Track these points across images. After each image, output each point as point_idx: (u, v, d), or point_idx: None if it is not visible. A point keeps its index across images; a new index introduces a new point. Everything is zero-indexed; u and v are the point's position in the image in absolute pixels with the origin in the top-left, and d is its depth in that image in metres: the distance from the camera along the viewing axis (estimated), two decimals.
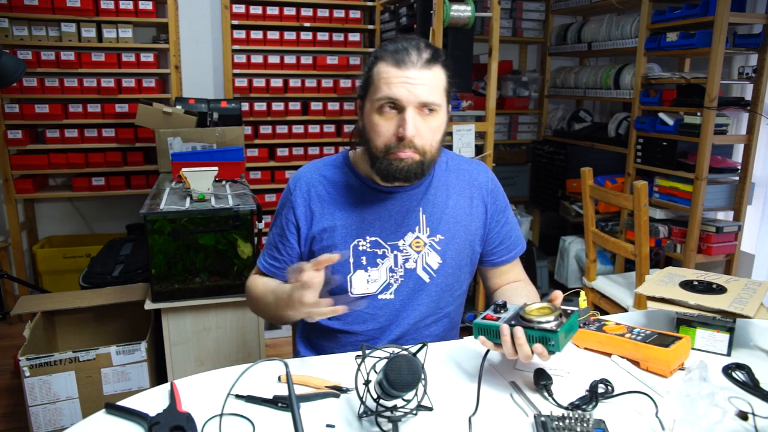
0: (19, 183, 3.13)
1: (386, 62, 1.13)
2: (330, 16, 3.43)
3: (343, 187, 1.27)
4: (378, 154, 1.16)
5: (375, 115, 1.15)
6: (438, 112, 1.15)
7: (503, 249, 1.34)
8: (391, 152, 1.14)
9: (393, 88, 1.11)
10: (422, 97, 1.11)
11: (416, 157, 1.14)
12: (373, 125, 1.15)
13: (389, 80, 1.11)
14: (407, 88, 1.10)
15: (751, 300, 1.16)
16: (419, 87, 1.11)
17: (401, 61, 1.11)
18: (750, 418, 0.91)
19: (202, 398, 0.98)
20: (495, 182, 1.35)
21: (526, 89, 3.77)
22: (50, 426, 1.97)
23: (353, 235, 1.25)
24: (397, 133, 1.13)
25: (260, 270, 1.34)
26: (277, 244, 1.31)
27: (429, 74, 1.12)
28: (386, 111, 1.13)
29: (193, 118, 2.75)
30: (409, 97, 1.11)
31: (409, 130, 1.11)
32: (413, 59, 1.11)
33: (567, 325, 0.97)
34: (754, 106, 2.55)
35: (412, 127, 1.11)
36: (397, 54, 1.12)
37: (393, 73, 1.11)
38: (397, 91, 1.11)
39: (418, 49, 1.12)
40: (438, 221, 1.27)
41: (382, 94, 1.12)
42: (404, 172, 1.15)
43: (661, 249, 2.77)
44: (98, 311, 2.27)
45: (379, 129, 1.14)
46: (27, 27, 3.00)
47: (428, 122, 1.14)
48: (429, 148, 1.16)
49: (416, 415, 0.93)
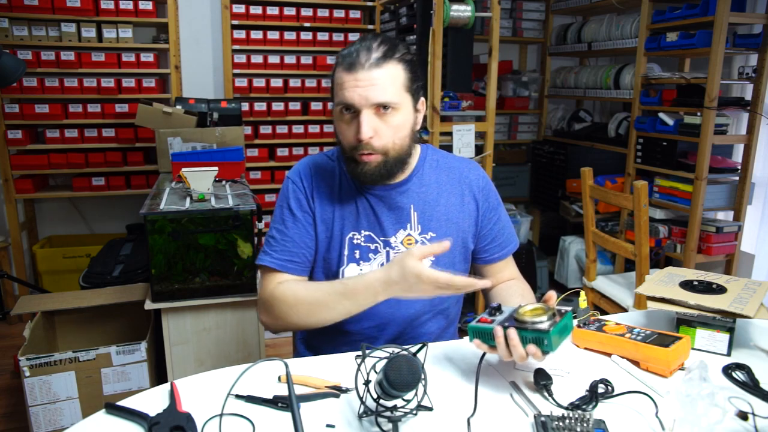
0: (19, 183, 3.13)
1: (340, 67, 1.14)
2: (330, 16, 3.43)
3: (339, 181, 1.28)
4: (346, 155, 1.19)
5: (337, 119, 1.18)
6: (397, 109, 1.14)
7: (495, 246, 1.34)
8: (355, 154, 1.16)
9: (345, 92, 1.12)
10: (374, 98, 1.11)
11: (378, 158, 1.16)
12: (338, 129, 1.19)
13: (342, 85, 1.13)
14: (358, 92, 1.11)
15: (751, 300, 1.16)
16: (370, 88, 1.11)
17: (351, 64, 1.12)
18: (750, 418, 0.91)
19: (202, 398, 0.98)
20: (486, 180, 1.36)
21: (526, 89, 3.77)
22: (50, 426, 1.97)
23: (349, 227, 1.26)
24: (356, 136, 1.14)
25: (273, 270, 1.24)
26: (292, 236, 1.24)
27: (380, 72, 1.12)
28: (345, 115, 1.15)
29: (193, 118, 2.75)
30: (360, 100, 1.11)
31: (364, 133, 1.12)
32: (362, 61, 1.11)
33: (560, 325, 0.97)
34: (754, 106, 2.55)
35: (368, 129, 1.12)
36: (348, 57, 1.13)
37: (345, 78, 1.13)
38: (349, 95, 1.12)
39: (369, 49, 1.12)
40: (429, 219, 1.28)
41: (338, 100, 1.15)
42: (369, 175, 1.18)
43: (661, 249, 2.77)
44: (98, 311, 2.27)
45: (341, 133, 1.18)
46: (27, 27, 3.00)
47: (387, 121, 1.14)
48: (392, 146, 1.17)
49: (416, 415, 0.93)
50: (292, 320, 1.18)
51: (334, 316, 1.15)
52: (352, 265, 1.26)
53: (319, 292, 1.16)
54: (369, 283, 1.08)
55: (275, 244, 1.26)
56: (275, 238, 1.26)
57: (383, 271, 1.07)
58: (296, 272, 1.25)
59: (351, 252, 1.25)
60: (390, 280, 1.05)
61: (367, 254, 1.26)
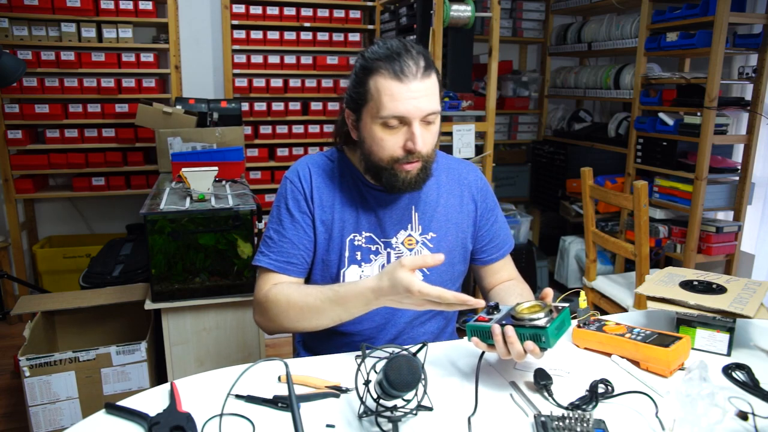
0: (19, 183, 3.13)
1: (384, 76, 1.09)
2: (330, 16, 3.43)
3: (339, 182, 1.27)
4: (383, 165, 1.16)
5: (378, 129, 1.13)
6: (437, 117, 1.15)
7: (493, 247, 1.35)
8: (398, 164, 1.14)
9: (399, 104, 1.09)
10: (427, 110, 1.11)
11: (419, 165, 1.16)
12: (376, 139, 1.14)
13: (394, 96, 1.09)
14: (413, 104, 1.09)
15: (751, 300, 1.16)
16: (422, 99, 1.10)
17: (402, 74, 1.08)
18: (750, 418, 0.91)
19: (202, 398, 0.98)
20: (484, 181, 1.36)
21: (526, 89, 3.77)
22: (50, 426, 1.97)
23: (350, 229, 1.25)
24: (404, 146, 1.12)
25: (270, 271, 1.23)
26: (290, 238, 1.23)
27: (429, 83, 1.11)
28: (392, 126, 1.12)
29: (193, 118, 2.75)
30: (415, 112, 1.10)
31: (420, 145, 1.11)
32: (413, 71, 1.09)
33: (557, 321, 0.97)
34: (754, 106, 2.55)
35: (422, 141, 1.12)
36: (393, 64, 1.09)
37: (397, 89, 1.09)
38: (404, 107, 1.09)
39: (413, 57, 1.10)
40: (430, 219, 1.28)
41: (389, 112, 1.10)
42: (411, 184, 1.17)
43: (661, 249, 2.77)
44: (98, 311, 2.27)
45: (384, 144, 1.13)
46: (27, 27, 3.00)
47: (430, 130, 1.15)
48: (431, 153, 1.17)
49: (416, 415, 0.93)
50: (284, 323, 1.17)
51: (325, 322, 1.14)
52: (353, 266, 1.25)
53: (311, 297, 1.14)
54: (360, 292, 1.07)
55: (272, 245, 1.24)
56: (272, 239, 1.25)
57: (375, 280, 1.05)
58: (293, 274, 1.24)
59: (352, 254, 1.25)
60: (381, 290, 1.04)
61: (368, 255, 1.25)
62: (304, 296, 1.15)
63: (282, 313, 1.16)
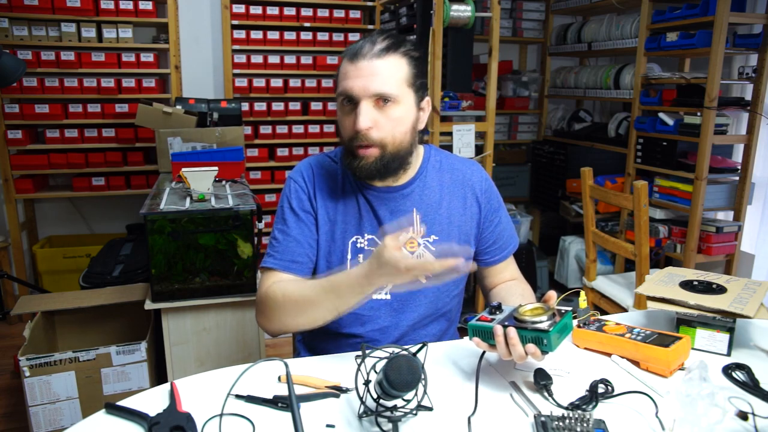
0: (19, 183, 3.13)
1: (345, 59, 1.15)
2: (330, 16, 3.43)
3: (341, 183, 1.27)
4: (347, 149, 1.18)
5: (339, 111, 1.19)
6: (397, 102, 1.13)
7: (497, 248, 1.34)
8: (353, 146, 1.15)
9: (346, 81, 1.13)
10: (373, 88, 1.11)
11: (375, 152, 1.14)
12: (339, 121, 1.19)
13: (345, 75, 1.14)
14: (358, 82, 1.11)
15: (751, 300, 1.16)
16: (370, 78, 1.11)
17: (354, 54, 1.13)
18: (750, 418, 0.91)
19: (202, 398, 0.98)
20: (489, 182, 1.35)
21: (526, 89, 3.77)
22: (50, 426, 1.97)
23: (352, 231, 1.25)
24: (354, 126, 1.13)
25: (273, 270, 1.23)
26: (295, 236, 1.23)
27: (382, 64, 1.11)
28: (345, 106, 1.15)
29: (193, 118, 2.75)
30: (360, 90, 1.11)
31: (361, 122, 1.11)
32: (365, 51, 1.12)
33: (560, 324, 0.97)
34: (754, 106, 2.55)
35: (365, 119, 1.11)
36: (353, 49, 1.14)
37: (347, 68, 1.13)
38: (349, 84, 1.12)
39: (373, 42, 1.13)
40: (432, 221, 1.27)
41: (339, 89, 1.15)
42: (366, 170, 1.16)
43: (661, 249, 2.77)
44: (98, 311, 2.27)
45: (342, 124, 1.18)
46: (27, 27, 3.00)
47: (387, 114, 1.13)
48: (391, 140, 1.15)
49: (416, 415, 0.93)
50: (282, 319, 1.16)
51: (323, 314, 1.11)
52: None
53: (307, 288, 1.14)
54: (352, 278, 1.06)
55: (278, 246, 1.24)
56: (278, 239, 1.25)
57: (365, 266, 1.04)
58: (297, 272, 1.23)
59: (354, 256, 1.24)
60: (371, 273, 1.02)
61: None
62: (300, 289, 1.15)
63: (279, 308, 1.15)
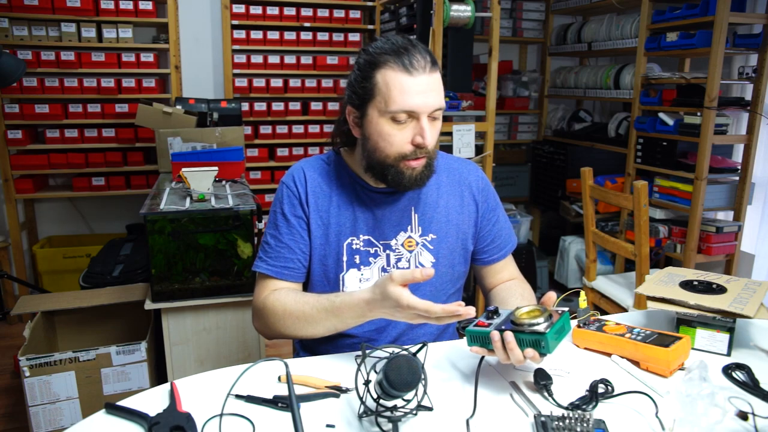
0: (19, 183, 3.13)
1: (394, 69, 1.09)
2: (330, 16, 3.43)
3: (336, 185, 1.27)
4: (389, 162, 1.15)
5: (386, 124, 1.12)
6: (441, 114, 1.16)
7: (494, 247, 1.34)
8: (405, 160, 1.14)
9: (409, 98, 1.09)
10: (435, 105, 1.11)
11: (424, 161, 1.16)
12: (384, 135, 1.13)
13: (404, 89, 1.08)
14: (422, 98, 1.09)
15: (751, 300, 1.16)
16: (430, 94, 1.10)
17: (412, 67, 1.09)
18: (750, 418, 0.91)
19: (202, 398, 0.98)
20: (485, 181, 1.35)
21: (526, 89, 3.77)
22: (50, 426, 1.97)
23: (347, 233, 1.25)
24: (413, 141, 1.12)
25: (268, 277, 1.24)
26: (287, 243, 1.23)
27: (436, 78, 1.12)
28: (401, 121, 1.11)
29: (193, 118, 2.75)
30: (424, 106, 1.10)
31: (429, 139, 1.12)
32: (422, 64, 1.09)
33: (557, 326, 0.97)
34: (754, 106, 2.55)
35: (431, 135, 1.12)
36: (402, 58, 1.09)
37: (407, 82, 1.08)
38: (414, 101, 1.09)
39: (420, 52, 1.11)
40: (430, 220, 1.27)
41: (398, 107, 1.09)
42: (417, 181, 1.16)
43: (661, 249, 2.77)
44: (98, 311, 2.27)
45: (392, 139, 1.13)
46: (27, 27, 3.00)
47: (435, 126, 1.15)
48: (434, 149, 1.18)
49: (416, 415, 0.93)
50: (281, 330, 1.18)
51: (321, 331, 1.15)
52: (353, 270, 1.25)
53: (308, 306, 1.14)
54: (355, 303, 1.08)
55: (270, 251, 1.25)
56: (270, 244, 1.26)
57: (369, 292, 1.06)
58: (291, 279, 1.24)
59: (350, 258, 1.25)
60: (374, 302, 1.04)
61: (367, 258, 1.25)
62: (301, 305, 1.15)
63: (278, 321, 1.17)
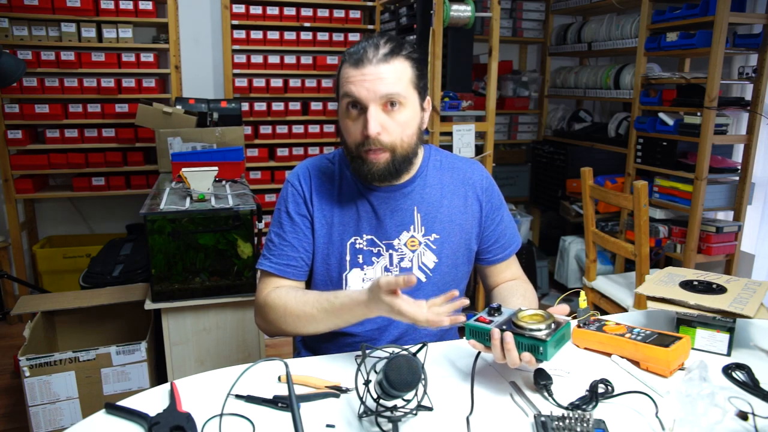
0: (19, 183, 3.13)
1: (346, 64, 1.15)
2: (330, 16, 3.43)
3: (339, 184, 1.27)
4: (353, 154, 1.18)
5: (343, 116, 1.17)
6: (404, 105, 1.15)
7: (498, 247, 1.34)
8: (361, 151, 1.16)
9: (352, 87, 1.12)
10: (382, 92, 1.11)
11: (386, 156, 1.16)
12: (343, 127, 1.18)
13: (349, 80, 1.13)
14: (365, 86, 1.11)
15: (751, 300, 1.16)
16: (377, 82, 1.11)
17: (359, 60, 1.12)
18: (750, 418, 0.91)
19: (202, 398, 0.98)
20: (489, 180, 1.35)
21: (526, 89, 3.77)
22: (50, 426, 1.97)
23: (350, 232, 1.25)
24: (363, 132, 1.13)
25: (271, 274, 1.25)
26: (290, 241, 1.25)
27: (388, 68, 1.12)
28: (351, 111, 1.15)
29: (193, 118, 2.75)
30: (368, 94, 1.11)
31: (372, 128, 1.11)
32: (369, 56, 1.12)
33: (557, 334, 0.97)
34: (754, 106, 2.55)
35: (375, 124, 1.12)
36: (355, 54, 1.13)
37: (351, 73, 1.13)
38: (356, 89, 1.12)
39: (376, 46, 1.13)
40: (433, 220, 1.27)
41: (343, 94, 1.15)
42: (378, 174, 1.17)
43: (661, 249, 2.77)
44: (98, 311, 2.27)
45: (347, 130, 1.17)
46: (27, 27, 3.00)
47: (394, 117, 1.14)
48: (399, 143, 1.16)
49: (416, 415, 0.93)
50: (283, 328, 1.20)
51: (322, 329, 1.16)
52: (356, 270, 1.25)
53: (308, 305, 1.16)
54: (354, 305, 1.09)
55: (274, 249, 1.26)
56: (274, 242, 1.27)
57: (366, 294, 1.07)
58: (293, 277, 1.26)
59: (353, 257, 1.25)
60: (370, 301, 1.06)
61: (370, 258, 1.25)
62: (302, 304, 1.16)
63: (280, 319, 1.19)
